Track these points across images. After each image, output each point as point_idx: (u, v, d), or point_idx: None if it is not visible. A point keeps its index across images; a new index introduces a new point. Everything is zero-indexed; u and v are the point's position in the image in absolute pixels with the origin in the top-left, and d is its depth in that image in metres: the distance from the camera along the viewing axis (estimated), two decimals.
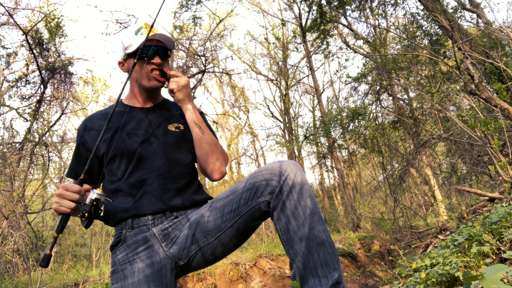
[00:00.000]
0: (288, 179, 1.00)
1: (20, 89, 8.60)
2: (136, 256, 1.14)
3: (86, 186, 1.09)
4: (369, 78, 10.00)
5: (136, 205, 1.19)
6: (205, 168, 1.29)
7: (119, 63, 1.37)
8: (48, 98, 8.69)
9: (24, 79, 8.60)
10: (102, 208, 1.09)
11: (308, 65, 14.69)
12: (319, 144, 13.56)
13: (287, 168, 1.02)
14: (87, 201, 1.05)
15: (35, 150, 7.35)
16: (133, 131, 1.27)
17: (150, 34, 1.25)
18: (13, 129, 7.81)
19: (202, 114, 1.48)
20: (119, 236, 1.18)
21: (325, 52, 10.90)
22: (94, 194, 1.06)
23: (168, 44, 1.33)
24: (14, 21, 7.27)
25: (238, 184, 1.12)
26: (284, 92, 15.80)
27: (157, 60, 1.29)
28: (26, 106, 8.24)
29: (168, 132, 1.31)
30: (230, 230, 1.10)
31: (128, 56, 1.31)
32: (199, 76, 9.71)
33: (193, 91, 9.74)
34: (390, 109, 10.28)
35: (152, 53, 1.28)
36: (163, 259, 1.13)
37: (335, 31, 10.78)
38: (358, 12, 8.94)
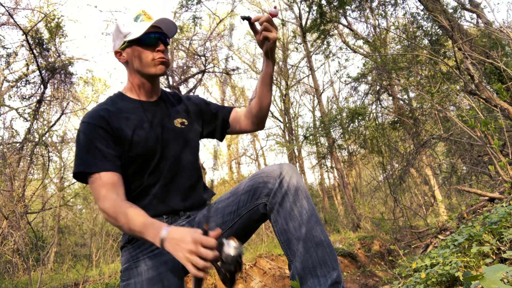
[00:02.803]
0: (284, 181, 1.02)
1: (20, 89, 8.61)
2: (151, 254, 1.15)
3: (214, 233, 0.89)
4: (369, 78, 10.00)
5: (151, 206, 1.19)
6: (263, 118, 1.33)
7: (116, 52, 1.26)
8: (48, 98, 8.70)
9: (24, 79, 8.59)
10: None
11: (308, 65, 14.69)
12: (319, 144, 13.56)
13: (282, 171, 1.04)
14: (224, 256, 0.85)
15: (35, 150, 7.35)
16: (150, 128, 1.22)
17: (154, 21, 1.21)
18: (13, 129, 7.81)
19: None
20: None
21: (325, 52, 10.90)
22: (231, 248, 0.86)
23: (170, 31, 1.28)
24: (14, 21, 7.27)
25: (239, 186, 1.14)
26: (284, 92, 15.79)
27: (161, 47, 1.23)
28: (26, 106, 8.24)
29: (176, 130, 1.28)
30: (229, 231, 1.12)
31: (129, 43, 1.23)
32: (199, 76, 9.71)
33: (193, 91, 9.74)
34: (390, 109, 10.28)
35: (155, 40, 1.22)
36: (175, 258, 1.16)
37: (335, 31, 10.79)
38: (358, 12, 8.94)
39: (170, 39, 1.32)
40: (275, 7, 1.12)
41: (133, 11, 1.28)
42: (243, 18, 1.11)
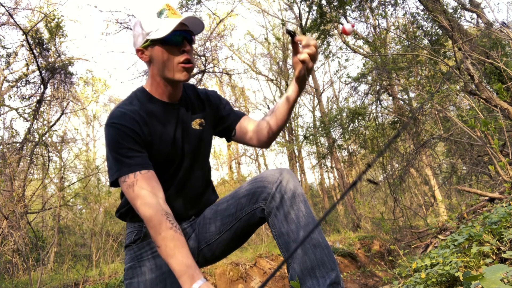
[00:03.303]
0: (281, 186, 1.03)
1: (20, 89, 8.60)
2: (155, 254, 1.17)
3: None
4: (369, 78, 9.99)
5: None
6: (272, 138, 1.25)
7: (138, 50, 1.17)
8: (48, 98, 8.69)
9: (24, 79, 8.59)
10: None
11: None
12: (319, 144, 13.55)
13: (280, 175, 1.06)
14: None
15: (35, 150, 7.34)
16: (173, 135, 1.19)
17: (182, 19, 1.10)
18: (13, 129, 7.80)
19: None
20: (139, 234, 1.20)
21: (325, 52, 10.89)
22: None
23: (196, 28, 1.16)
24: (14, 21, 7.27)
25: (238, 190, 1.16)
26: (284, 92, 15.79)
27: (186, 47, 1.12)
28: (26, 106, 8.23)
29: (194, 133, 1.24)
30: (228, 233, 1.15)
31: (152, 42, 1.12)
32: (199, 76, 9.71)
33: None
34: (390, 109, 10.27)
35: (180, 38, 1.11)
36: None
37: (335, 31, 10.78)
38: (358, 12, 8.94)
39: (196, 36, 1.22)
40: (352, 25, 1.02)
41: (156, 5, 1.15)
42: (288, 31, 1.01)
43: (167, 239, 0.96)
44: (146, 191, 1.01)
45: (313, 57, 1.01)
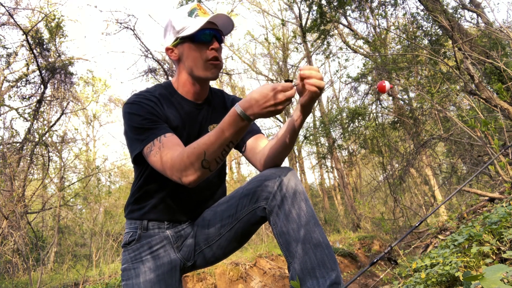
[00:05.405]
0: (282, 184, 1.02)
1: (20, 89, 8.60)
2: (149, 256, 1.17)
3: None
4: (369, 78, 9.99)
5: (156, 210, 1.20)
6: (272, 166, 1.16)
7: (168, 49, 1.19)
8: (48, 98, 8.68)
9: (24, 79, 8.59)
10: None
11: (308, 65, 14.65)
12: (319, 144, 13.55)
13: (281, 174, 1.04)
14: None
15: (35, 150, 7.35)
16: (188, 136, 1.18)
17: (210, 17, 1.12)
18: (13, 129, 7.80)
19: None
20: (133, 235, 1.19)
21: (325, 53, 10.89)
22: None
23: (226, 28, 1.19)
24: (14, 21, 7.27)
25: (238, 190, 1.15)
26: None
27: (215, 44, 1.14)
28: (26, 106, 8.22)
29: None
30: (228, 234, 1.14)
31: (182, 40, 1.15)
32: None
33: None
34: (390, 109, 10.28)
35: (210, 37, 1.14)
36: (174, 260, 1.18)
37: (335, 31, 10.78)
38: (358, 12, 8.95)
39: (225, 37, 1.23)
40: (391, 86, 1.04)
41: (187, 5, 1.19)
42: (286, 80, 0.95)
43: (194, 146, 0.97)
44: (173, 151, 1.01)
45: (321, 88, 0.94)
